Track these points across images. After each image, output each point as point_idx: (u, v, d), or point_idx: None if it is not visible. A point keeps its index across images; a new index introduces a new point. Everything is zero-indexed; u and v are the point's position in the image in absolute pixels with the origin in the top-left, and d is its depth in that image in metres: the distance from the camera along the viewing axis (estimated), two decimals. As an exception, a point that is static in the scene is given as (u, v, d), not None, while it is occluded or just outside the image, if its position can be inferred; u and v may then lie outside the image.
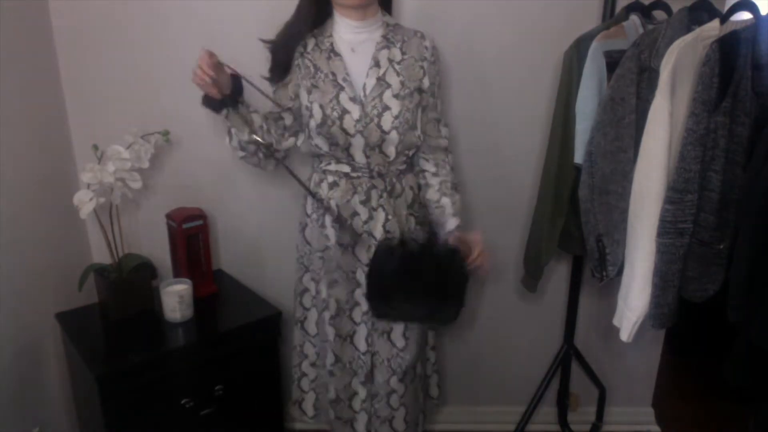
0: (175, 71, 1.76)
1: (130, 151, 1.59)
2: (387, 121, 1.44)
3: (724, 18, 1.31)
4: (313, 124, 1.45)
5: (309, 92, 1.45)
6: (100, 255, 1.80)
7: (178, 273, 1.76)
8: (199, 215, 1.74)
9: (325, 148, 1.47)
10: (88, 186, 1.55)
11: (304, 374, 1.70)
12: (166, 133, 1.68)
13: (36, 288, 1.64)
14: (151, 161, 1.66)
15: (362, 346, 1.59)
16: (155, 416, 1.54)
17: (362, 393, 1.63)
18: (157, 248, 1.82)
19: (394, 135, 1.45)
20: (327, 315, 1.58)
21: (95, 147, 1.58)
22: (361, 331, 1.59)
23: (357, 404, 1.64)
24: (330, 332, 1.58)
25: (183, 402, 1.56)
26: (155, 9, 1.70)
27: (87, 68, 1.74)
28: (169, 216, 1.75)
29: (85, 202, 1.54)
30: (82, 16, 1.69)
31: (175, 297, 1.61)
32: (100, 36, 1.72)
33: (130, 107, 1.78)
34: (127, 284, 1.67)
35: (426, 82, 1.50)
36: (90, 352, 1.53)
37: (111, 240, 1.66)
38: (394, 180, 1.52)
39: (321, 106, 1.43)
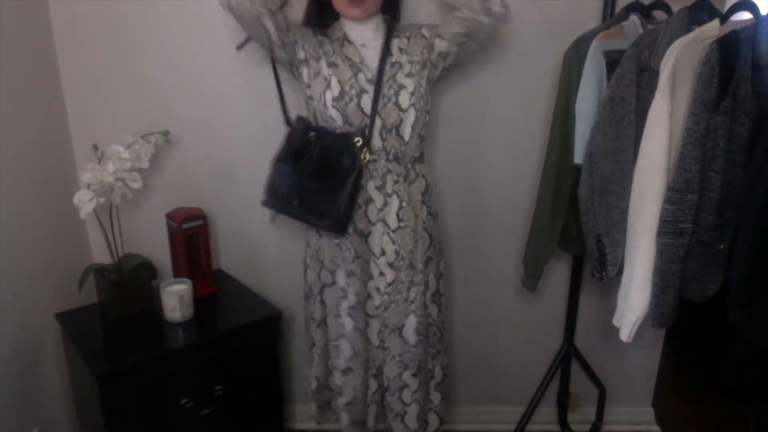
0: (175, 71, 1.76)
1: (130, 151, 1.59)
2: (404, 99, 1.46)
3: (724, 18, 1.31)
4: (329, 95, 1.46)
5: (329, 65, 1.47)
6: (100, 255, 1.80)
7: (178, 273, 1.76)
8: (199, 215, 1.74)
9: (339, 122, 1.47)
10: (88, 186, 1.55)
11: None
12: (166, 133, 1.69)
13: (36, 288, 1.64)
14: (151, 161, 1.66)
15: (375, 340, 1.60)
16: (155, 416, 1.54)
17: (373, 386, 1.63)
18: (157, 248, 1.82)
19: (411, 112, 1.47)
20: (345, 304, 1.56)
21: (95, 147, 1.58)
22: (374, 325, 1.58)
23: (369, 397, 1.65)
24: (348, 323, 1.57)
25: (183, 402, 1.56)
26: (155, 9, 1.70)
27: (87, 68, 1.74)
28: (169, 216, 1.75)
29: (85, 202, 1.54)
30: (82, 16, 1.69)
31: (175, 297, 1.61)
32: (100, 36, 1.72)
33: (130, 107, 1.78)
34: (127, 284, 1.67)
35: (435, 40, 1.51)
36: (90, 352, 1.53)
37: (111, 240, 1.66)
38: (409, 166, 1.53)
39: (340, 82, 1.45)
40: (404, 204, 1.51)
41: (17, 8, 1.55)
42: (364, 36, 1.49)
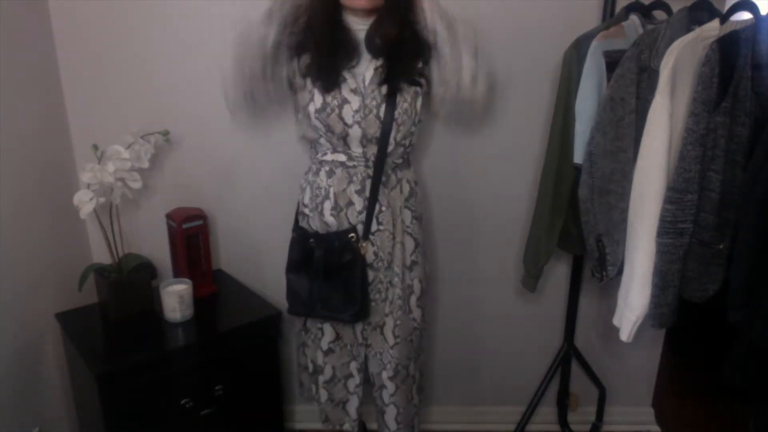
0: (175, 71, 1.76)
1: (130, 151, 1.59)
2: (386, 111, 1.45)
3: (724, 18, 1.31)
4: (312, 108, 1.46)
5: (314, 79, 1.47)
6: (100, 255, 1.80)
7: (178, 273, 1.76)
8: (199, 215, 1.74)
9: (321, 131, 1.48)
10: (88, 186, 1.55)
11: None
12: (166, 133, 1.69)
13: (36, 288, 1.64)
14: (151, 161, 1.66)
15: (359, 336, 1.62)
16: (155, 416, 1.54)
17: (357, 378, 1.65)
18: (157, 248, 1.82)
19: (393, 126, 1.46)
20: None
21: (95, 147, 1.58)
22: (357, 325, 1.60)
23: (351, 386, 1.66)
24: None
25: (183, 402, 1.56)
26: (155, 9, 1.70)
27: (87, 68, 1.74)
28: (169, 216, 1.75)
29: (85, 202, 1.54)
30: (82, 16, 1.69)
31: (175, 297, 1.61)
32: (100, 36, 1.72)
33: (130, 107, 1.78)
34: (127, 284, 1.67)
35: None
36: (90, 352, 1.53)
37: (111, 240, 1.66)
38: (390, 172, 1.53)
39: (322, 94, 1.45)
40: (383, 208, 1.52)
41: (17, 8, 1.55)
42: (361, 35, 1.47)
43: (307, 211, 1.58)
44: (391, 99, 1.45)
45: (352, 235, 1.50)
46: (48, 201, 1.69)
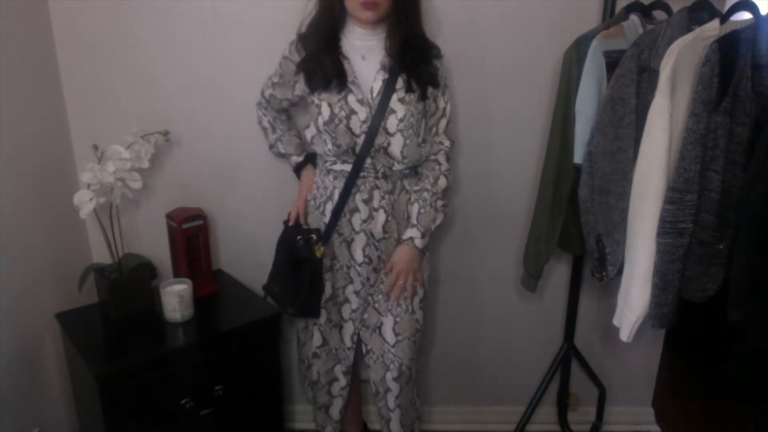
0: (176, 71, 1.76)
1: (130, 151, 1.59)
2: (392, 123, 1.47)
3: (724, 18, 1.31)
4: (320, 120, 1.49)
5: (319, 92, 1.48)
6: (100, 255, 1.80)
7: (178, 273, 1.76)
8: (199, 215, 1.74)
9: (329, 144, 1.50)
10: (88, 186, 1.55)
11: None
12: (166, 133, 1.69)
13: (36, 288, 1.64)
14: (151, 161, 1.66)
15: (347, 341, 1.63)
16: (155, 416, 1.54)
17: (342, 381, 1.68)
18: (157, 248, 1.82)
19: (398, 137, 1.47)
20: (322, 297, 1.62)
21: (95, 147, 1.58)
22: (348, 328, 1.63)
23: (335, 390, 1.70)
24: (322, 313, 1.63)
25: (183, 402, 1.56)
26: (155, 9, 1.70)
27: (87, 68, 1.74)
28: (169, 216, 1.75)
29: (85, 202, 1.54)
30: (82, 16, 1.69)
31: (175, 297, 1.61)
32: (100, 36, 1.72)
33: (130, 107, 1.78)
34: (127, 284, 1.67)
35: (430, 90, 1.52)
36: (90, 352, 1.53)
37: (111, 240, 1.66)
38: (398, 181, 1.55)
39: (330, 105, 1.47)
40: (390, 218, 1.54)
41: (17, 8, 1.55)
42: (366, 45, 1.49)
43: (311, 207, 1.61)
44: (397, 110, 1.46)
45: (312, 235, 1.53)
46: (48, 201, 1.69)
